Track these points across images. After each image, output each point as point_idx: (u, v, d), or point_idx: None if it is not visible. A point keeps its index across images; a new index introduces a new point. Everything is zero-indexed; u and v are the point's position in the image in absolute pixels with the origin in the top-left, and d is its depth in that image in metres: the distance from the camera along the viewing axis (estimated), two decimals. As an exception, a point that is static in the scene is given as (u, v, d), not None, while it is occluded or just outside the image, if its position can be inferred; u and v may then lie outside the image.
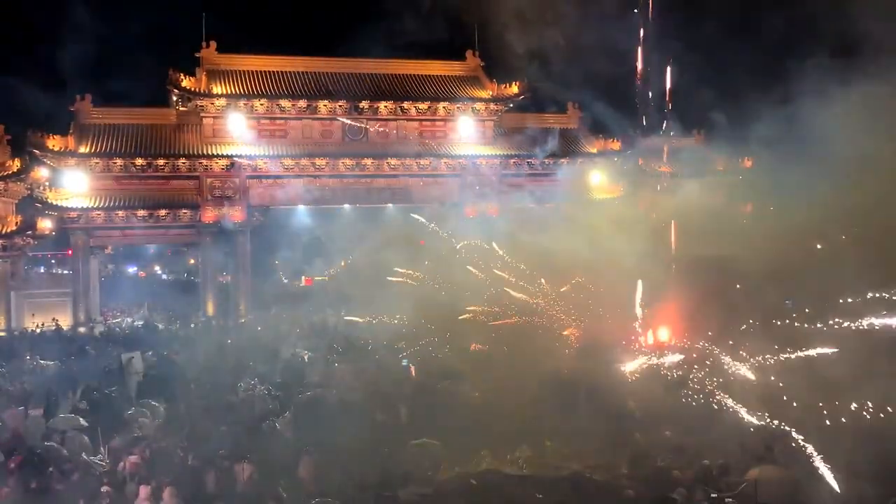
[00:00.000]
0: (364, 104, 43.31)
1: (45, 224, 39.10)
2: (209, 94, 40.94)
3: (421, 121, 45.01)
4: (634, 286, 20.41)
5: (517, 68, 42.96)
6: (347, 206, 44.42)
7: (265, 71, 43.75)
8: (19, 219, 37.49)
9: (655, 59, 26.55)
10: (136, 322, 40.48)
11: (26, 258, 42.33)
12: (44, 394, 20.10)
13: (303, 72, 44.39)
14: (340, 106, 43.21)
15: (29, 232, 37.76)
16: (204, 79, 41.57)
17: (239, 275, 41.23)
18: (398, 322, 26.13)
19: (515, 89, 45.33)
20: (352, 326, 30.79)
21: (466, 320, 22.57)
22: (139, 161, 39.62)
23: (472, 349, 23.47)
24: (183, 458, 14.51)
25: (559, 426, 16.13)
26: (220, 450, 14.25)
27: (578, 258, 22.68)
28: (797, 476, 12.57)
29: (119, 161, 39.47)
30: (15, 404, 18.83)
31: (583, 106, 47.85)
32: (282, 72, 43.99)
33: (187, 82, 40.49)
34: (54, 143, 38.04)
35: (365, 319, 28.56)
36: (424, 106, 44.42)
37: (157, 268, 73.11)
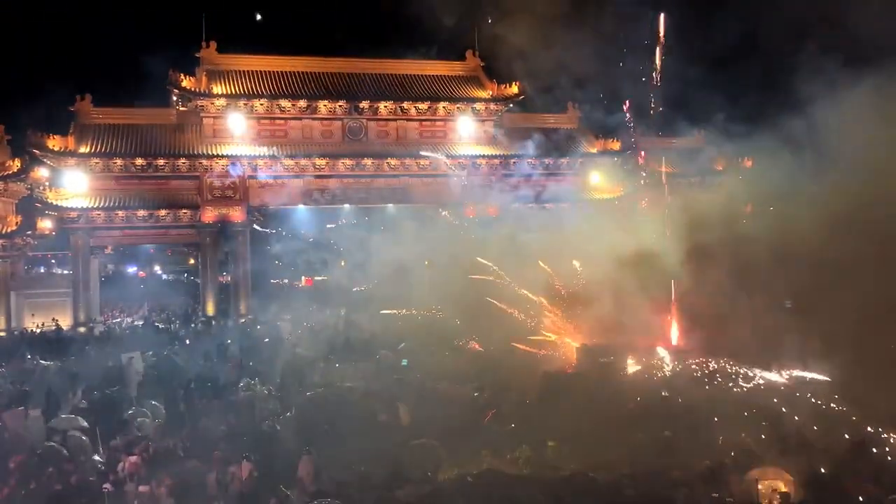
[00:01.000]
0: (364, 104, 43.28)
1: (45, 224, 39.05)
2: (209, 94, 40.91)
3: (421, 121, 44.96)
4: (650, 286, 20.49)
5: (517, 68, 43.00)
6: (347, 206, 44.44)
7: (265, 71, 43.72)
8: (19, 219, 37.45)
9: (656, 60, 26.56)
10: (136, 322, 40.47)
11: (26, 258, 42.30)
12: (44, 394, 20.11)
13: (303, 72, 44.36)
14: (340, 106, 43.18)
15: (29, 232, 37.72)
16: (204, 79, 41.55)
17: (239, 275, 41.22)
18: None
19: (515, 89, 45.29)
20: (353, 327, 30.81)
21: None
22: (139, 161, 39.58)
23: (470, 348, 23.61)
24: (183, 459, 14.51)
25: (559, 426, 16.12)
26: (220, 450, 14.25)
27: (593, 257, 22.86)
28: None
29: (119, 161, 39.42)
30: (15, 404, 18.82)
31: (582, 106, 47.86)
32: (282, 72, 43.96)
33: (187, 82, 40.46)
34: (54, 143, 38.00)
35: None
36: (424, 106, 44.39)
37: (157, 268, 73.12)
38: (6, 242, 36.78)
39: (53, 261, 54.75)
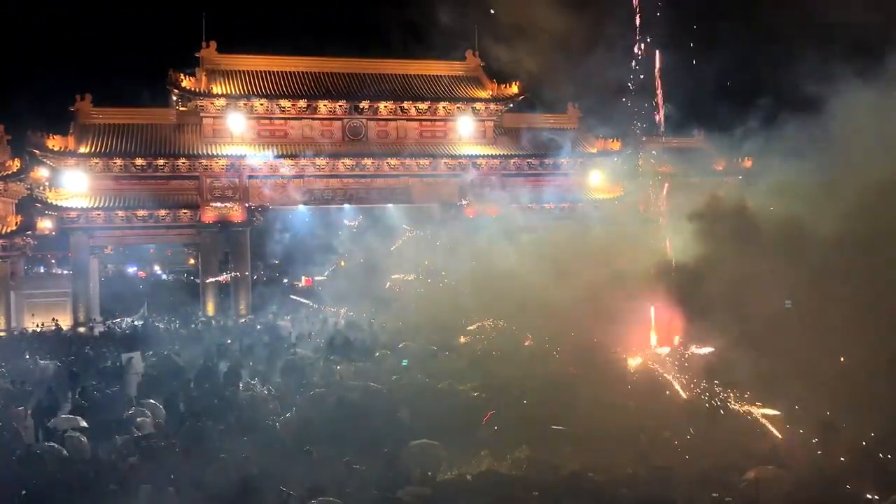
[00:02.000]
0: (364, 104, 43.30)
1: (45, 224, 39.10)
2: (209, 94, 40.93)
3: (421, 121, 44.99)
4: (643, 286, 20.42)
5: (517, 68, 43.03)
6: (347, 206, 44.46)
7: (265, 71, 43.75)
8: (19, 219, 37.47)
9: (656, 59, 26.54)
10: (136, 322, 40.46)
11: (26, 258, 42.30)
12: (44, 394, 20.09)
13: (303, 72, 44.39)
14: (340, 106, 43.21)
15: (29, 232, 37.75)
16: (204, 79, 41.57)
17: (239, 275, 41.22)
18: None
19: (515, 89, 45.32)
20: (354, 327, 30.80)
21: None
22: (139, 161, 39.61)
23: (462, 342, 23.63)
24: (183, 459, 14.48)
25: (559, 426, 16.10)
26: (220, 450, 14.22)
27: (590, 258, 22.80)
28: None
29: (119, 161, 39.45)
30: (15, 404, 18.80)
31: (582, 106, 47.87)
32: (282, 72, 43.99)
33: (187, 82, 40.48)
34: (54, 143, 38.02)
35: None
36: (424, 106, 44.41)
37: (157, 268, 73.14)
38: (6, 242, 36.81)
39: (53, 261, 54.80)
